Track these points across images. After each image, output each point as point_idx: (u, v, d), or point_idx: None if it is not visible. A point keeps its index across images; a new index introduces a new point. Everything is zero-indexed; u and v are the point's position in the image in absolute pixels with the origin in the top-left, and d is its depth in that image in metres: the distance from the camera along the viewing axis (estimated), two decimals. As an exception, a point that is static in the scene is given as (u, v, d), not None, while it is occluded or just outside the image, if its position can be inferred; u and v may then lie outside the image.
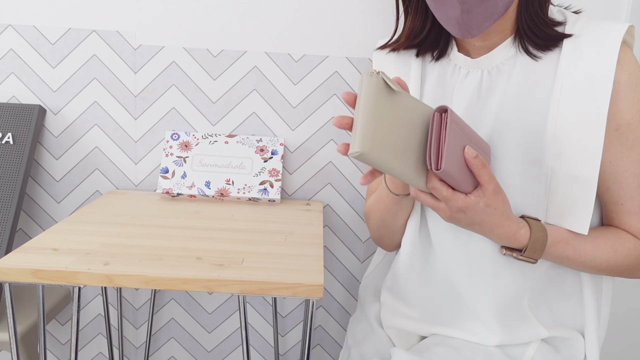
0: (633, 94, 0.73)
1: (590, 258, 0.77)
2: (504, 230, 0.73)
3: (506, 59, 0.79)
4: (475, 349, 0.81)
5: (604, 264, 0.77)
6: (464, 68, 0.83)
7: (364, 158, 0.60)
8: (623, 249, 0.77)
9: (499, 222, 0.72)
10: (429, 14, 0.83)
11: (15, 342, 0.86)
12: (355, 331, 0.96)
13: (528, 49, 0.77)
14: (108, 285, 0.77)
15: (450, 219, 0.71)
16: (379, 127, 0.61)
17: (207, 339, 1.34)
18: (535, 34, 0.76)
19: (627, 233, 0.78)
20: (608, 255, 0.77)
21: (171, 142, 1.19)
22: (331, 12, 1.16)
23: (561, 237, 0.76)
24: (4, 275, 0.76)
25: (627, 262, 0.77)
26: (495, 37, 0.79)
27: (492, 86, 0.80)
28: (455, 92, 0.83)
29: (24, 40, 1.17)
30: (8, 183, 1.10)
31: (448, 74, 0.85)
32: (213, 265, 0.80)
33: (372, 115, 0.61)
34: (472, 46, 0.82)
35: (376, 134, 0.60)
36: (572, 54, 0.75)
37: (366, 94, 0.61)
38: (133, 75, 1.19)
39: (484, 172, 0.67)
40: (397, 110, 0.63)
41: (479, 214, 0.69)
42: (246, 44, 1.18)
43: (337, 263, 1.29)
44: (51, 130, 1.21)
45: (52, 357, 1.35)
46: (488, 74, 0.81)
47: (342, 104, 1.20)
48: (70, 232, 0.91)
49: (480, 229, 0.72)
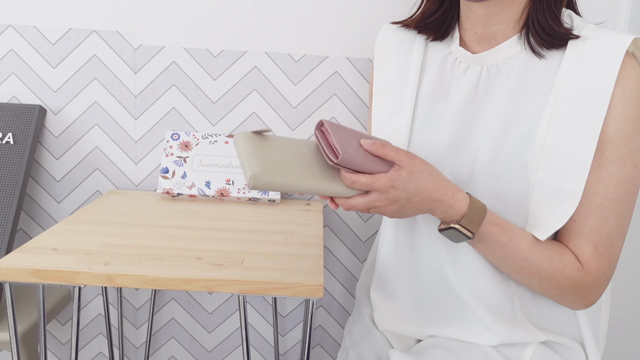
0: (623, 110, 0.70)
1: (523, 256, 0.74)
2: (442, 192, 0.71)
3: (507, 58, 0.78)
4: (472, 350, 0.80)
5: (534, 269, 0.74)
6: (464, 63, 0.82)
7: (260, 180, 0.67)
8: (559, 263, 0.74)
9: (433, 184, 0.70)
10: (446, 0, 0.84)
11: (15, 342, 0.86)
12: (353, 332, 0.96)
13: (533, 45, 0.75)
14: (108, 285, 0.77)
15: (389, 205, 0.70)
16: (261, 156, 0.69)
17: (207, 339, 1.34)
18: (544, 29, 0.74)
19: (570, 251, 0.75)
20: (541, 261, 0.74)
21: (171, 142, 1.19)
22: (331, 12, 1.16)
23: (499, 222, 0.74)
24: (5, 275, 0.76)
25: (559, 277, 0.74)
26: (498, 26, 0.77)
27: (489, 85, 0.79)
28: (452, 86, 0.82)
29: (24, 40, 1.17)
30: (8, 183, 1.10)
31: (448, 67, 0.84)
32: (213, 265, 0.80)
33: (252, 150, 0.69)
34: (473, 34, 0.80)
35: (260, 160, 0.68)
36: (573, 62, 0.73)
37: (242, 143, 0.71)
38: (133, 75, 1.19)
39: (388, 150, 0.68)
40: (276, 144, 0.72)
41: (409, 183, 0.69)
42: (246, 44, 1.18)
43: (337, 263, 1.29)
44: (51, 130, 1.21)
45: (52, 357, 1.35)
46: (487, 72, 0.79)
47: (342, 104, 1.20)
48: (70, 232, 0.91)
49: (421, 202, 0.70)
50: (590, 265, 0.74)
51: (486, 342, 0.80)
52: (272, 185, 0.69)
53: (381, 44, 0.93)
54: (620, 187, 0.71)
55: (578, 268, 0.74)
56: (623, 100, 0.70)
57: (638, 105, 0.70)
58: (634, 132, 0.70)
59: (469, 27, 0.81)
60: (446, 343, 0.82)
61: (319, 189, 0.71)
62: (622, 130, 0.70)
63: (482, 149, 0.77)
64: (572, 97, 0.72)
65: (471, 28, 0.80)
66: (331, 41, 1.17)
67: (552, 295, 0.76)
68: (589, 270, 0.74)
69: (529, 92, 0.75)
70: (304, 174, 0.71)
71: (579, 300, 0.76)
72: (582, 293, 0.75)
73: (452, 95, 0.82)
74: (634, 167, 0.71)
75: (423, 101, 0.86)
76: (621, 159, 0.71)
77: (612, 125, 0.70)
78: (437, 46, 0.87)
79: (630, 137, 0.70)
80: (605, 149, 0.71)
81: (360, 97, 1.20)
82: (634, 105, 0.70)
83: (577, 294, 0.75)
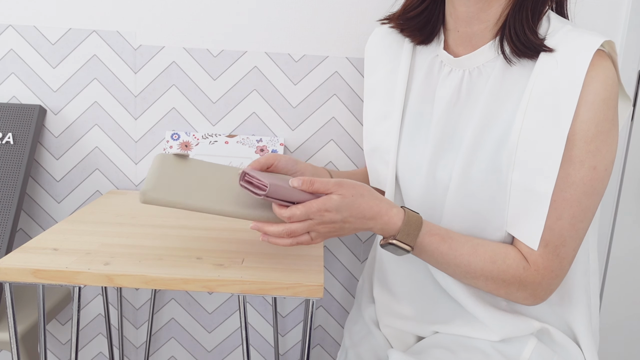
0: (585, 111, 0.70)
1: (465, 261, 0.75)
2: (376, 210, 0.73)
3: (488, 62, 0.78)
4: (471, 350, 0.81)
5: (478, 272, 0.75)
6: (447, 66, 0.83)
7: (148, 196, 0.74)
8: (502, 264, 0.75)
9: (366, 204, 0.72)
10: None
11: (15, 342, 0.86)
12: (352, 332, 0.96)
13: (505, 52, 0.76)
14: (108, 285, 0.77)
15: (327, 226, 0.72)
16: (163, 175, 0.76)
17: (207, 339, 1.34)
18: (519, 37, 0.74)
19: (515, 251, 0.76)
20: (484, 264, 0.75)
21: (171, 142, 1.19)
22: (331, 12, 1.16)
23: (437, 232, 0.75)
24: (4, 275, 0.76)
25: (504, 277, 0.75)
26: (478, 26, 0.78)
27: (471, 88, 0.80)
28: (437, 88, 0.83)
29: (24, 40, 1.17)
30: (8, 183, 1.10)
31: (435, 70, 0.85)
32: (213, 265, 0.80)
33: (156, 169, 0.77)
34: (456, 34, 0.81)
35: (159, 179, 0.76)
36: (546, 65, 0.73)
37: (155, 162, 0.79)
38: (133, 75, 1.19)
39: (317, 185, 0.71)
40: (188, 167, 0.80)
41: (341, 206, 0.71)
42: (246, 44, 1.18)
43: (337, 263, 1.29)
44: (51, 130, 1.22)
45: (52, 357, 1.35)
46: (469, 75, 0.80)
47: (342, 104, 1.20)
48: (70, 232, 0.91)
49: (358, 221, 0.73)
50: (537, 263, 0.74)
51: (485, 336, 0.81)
52: (165, 202, 0.74)
53: (371, 46, 0.95)
54: (575, 187, 0.71)
55: (524, 267, 0.75)
56: (586, 102, 0.70)
57: (602, 107, 0.70)
58: (595, 133, 0.70)
59: (452, 27, 0.82)
60: (445, 343, 0.83)
61: (234, 212, 0.76)
62: (583, 130, 0.70)
63: (461, 152, 0.78)
64: (543, 98, 0.72)
65: (454, 27, 0.81)
66: (331, 41, 1.17)
67: (501, 294, 0.77)
68: (535, 267, 0.74)
69: (505, 95, 0.76)
70: (217, 197, 0.77)
71: (528, 298, 0.77)
72: (531, 291, 0.76)
73: (437, 98, 0.83)
74: (592, 169, 0.71)
75: (411, 105, 0.87)
76: (580, 159, 0.71)
77: (575, 126, 0.71)
78: (425, 50, 0.88)
79: (591, 139, 0.70)
80: (568, 148, 0.71)
81: (360, 97, 1.20)
82: (597, 108, 0.69)
83: (525, 291, 0.76)
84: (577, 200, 0.72)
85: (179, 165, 0.80)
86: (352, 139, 1.22)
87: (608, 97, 0.70)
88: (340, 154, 1.23)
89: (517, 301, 0.78)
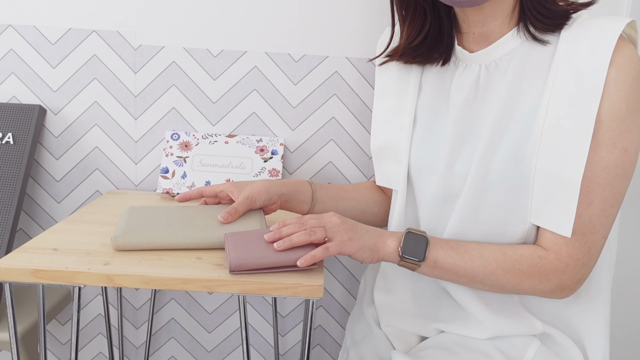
0: (616, 91, 0.69)
1: (477, 255, 0.75)
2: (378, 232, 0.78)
3: (505, 54, 0.78)
4: (474, 351, 0.80)
5: (493, 264, 0.74)
6: (462, 62, 0.82)
7: (120, 241, 0.81)
8: (514, 254, 0.74)
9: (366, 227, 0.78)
10: (427, 17, 0.83)
11: (15, 342, 0.86)
12: (354, 332, 0.96)
13: (533, 34, 0.75)
14: (108, 285, 0.77)
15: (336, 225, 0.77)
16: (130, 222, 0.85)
17: (207, 339, 1.34)
18: (541, 13, 0.73)
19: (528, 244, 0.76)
20: (496, 255, 0.75)
21: (171, 142, 1.19)
22: (331, 13, 1.16)
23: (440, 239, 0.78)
24: (4, 275, 0.76)
25: (520, 267, 0.74)
26: (493, 22, 0.77)
27: (489, 82, 0.79)
28: (452, 86, 0.82)
29: (24, 40, 1.17)
30: (8, 183, 1.10)
31: (450, 67, 0.84)
32: (213, 265, 0.80)
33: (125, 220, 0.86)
34: (471, 35, 0.81)
35: (127, 227, 0.83)
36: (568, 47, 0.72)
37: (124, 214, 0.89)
38: (133, 75, 1.19)
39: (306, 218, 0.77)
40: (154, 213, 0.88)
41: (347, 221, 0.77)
42: (246, 44, 1.18)
43: (337, 263, 1.29)
44: (51, 130, 1.21)
45: (52, 357, 1.35)
46: (486, 69, 0.79)
47: (342, 104, 1.20)
48: (70, 232, 0.91)
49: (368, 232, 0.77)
50: (561, 252, 0.72)
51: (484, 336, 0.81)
52: (136, 244, 0.81)
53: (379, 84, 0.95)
54: (608, 170, 0.70)
55: (540, 255, 0.73)
56: (617, 81, 0.68)
57: (632, 87, 0.69)
58: (627, 113, 0.69)
59: (466, 30, 0.81)
60: (447, 344, 0.83)
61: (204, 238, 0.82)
62: (615, 111, 0.69)
63: (480, 144, 0.77)
64: (568, 82, 0.71)
65: (469, 30, 0.80)
66: (331, 41, 1.17)
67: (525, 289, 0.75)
68: (558, 256, 0.73)
69: (528, 84, 0.75)
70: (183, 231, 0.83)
71: (555, 290, 0.75)
72: (555, 281, 0.73)
73: (452, 95, 0.82)
74: (624, 151, 0.70)
75: (423, 102, 0.86)
76: (612, 141, 0.69)
77: (605, 107, 0.69)
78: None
79: (623, 119, 0.69)
80: (596, 130, 0.70)
81: (360, 97, 1.20)
82: (628, 87, 0.68)
83: (549, 282, 0.74)
84: (609, 184, 0.70)
85: (146, 212, 0.88)
86: (352, 139, 1.22)
87: (637, 75, 0.69)
88: (340, 154, 1.23)
89: (547, 296, 0.76)
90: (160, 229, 0.83)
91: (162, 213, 0.88)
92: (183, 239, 0.82)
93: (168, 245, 0.82)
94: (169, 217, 0.87)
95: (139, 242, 0.81)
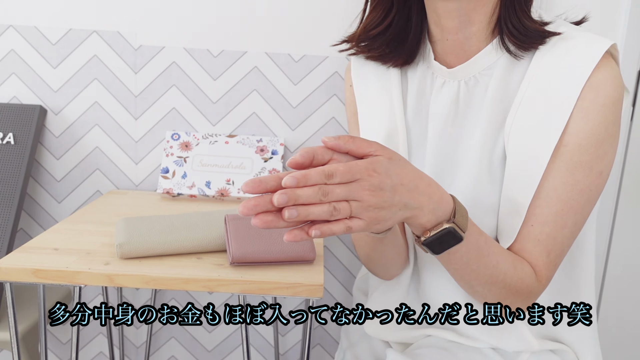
0: (596, 114, 0.65)
1: (494, 262, 0.67)
2: (427, 182, 0.59)
3: (484, 69, 0.73)
4: (469, 350, 0.80)
5: (500, 277, 0.68)
6: (440, 77, 0.76)
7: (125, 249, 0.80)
8: (521, 271, 0.69)
9: (417, 171, 0.59)
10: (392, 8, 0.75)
11: (16, 342, 0.86)
12: (350, 332, 0.96)
13: (509, 48, 0.71)
14: (108, 285, 0.77)
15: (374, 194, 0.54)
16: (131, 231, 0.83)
17: (207, 339, 1.34)
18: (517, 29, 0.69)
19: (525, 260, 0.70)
20: (507, 268, 0.68)
21: (171, 142, 1.19)
22: (331, 13, 1.16)
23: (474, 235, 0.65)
24: (5, 275, 0.76)
25: (519, 286, 0.69)
26: (470, 29, 0.71)
27: (469, 99, 0.74)
28: (431, 103, 0.77)
29: (25, 40, 1.18)
30: (9, 183, 1.11)
31: (428, 83, 0.78)
32: (213, 265, 0.80)
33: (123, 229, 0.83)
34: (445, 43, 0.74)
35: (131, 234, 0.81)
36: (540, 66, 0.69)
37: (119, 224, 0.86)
38: (133, 75, 1.19)
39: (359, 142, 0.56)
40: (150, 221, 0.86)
41: (391, 168, 0.56)
42: (246, 44, 1.18)
43: (337, 263, 1.29)
44: (52, 130, 1.22)
45: (52, 357, 1.35)
46: (465, 85, 0.74)
47: (342, 104, 1.20)
48: (71, 232, 0.91)
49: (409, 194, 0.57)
50: (542, 274, 0.70)
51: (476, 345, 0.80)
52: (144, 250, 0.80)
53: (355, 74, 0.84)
54: (582, 194, 0.68)
55: (535, 279, 0.70)
56: (597, 104, 0.65)
57: (612, 110, 0.66)
58: (605, 137, 0.67)
59: (440, 37, 0.75)
60: (443, 343, 0.82)
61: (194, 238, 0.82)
62: (594, 135, 0.66)
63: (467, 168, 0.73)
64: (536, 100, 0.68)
65: (442, 37, 0.74)
66: (331, 41, 1.18)
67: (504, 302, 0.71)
68: (540, 278, 0.70)
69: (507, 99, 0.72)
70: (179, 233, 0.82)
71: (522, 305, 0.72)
72: (530, 300, 0.72)
73: (431, 113, 0.77)
74: (599, 175, 0.68)
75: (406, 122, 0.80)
76: (589, 165, 0.67)
77: (582, 130, 0.66)
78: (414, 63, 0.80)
79: (601, 142, 0.67)
80: (574, 153, 0.67)
81: (360, 97, 1.20)
82: (608, 110, 0.66)
83: (526, 302, 0.71)
84: (582, 207, 0.68)
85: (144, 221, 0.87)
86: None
87: (618, 98, 0.66)
88: (340, 154, 1.23)
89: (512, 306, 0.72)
90: (164, 235, 0.82)
91: (162, 220, 0.87)
92: (190, 242, 0.82)
93: (175, 250, 0.82)
94: (171, 223, 0.86)
95: (146, 249, 0.80)
